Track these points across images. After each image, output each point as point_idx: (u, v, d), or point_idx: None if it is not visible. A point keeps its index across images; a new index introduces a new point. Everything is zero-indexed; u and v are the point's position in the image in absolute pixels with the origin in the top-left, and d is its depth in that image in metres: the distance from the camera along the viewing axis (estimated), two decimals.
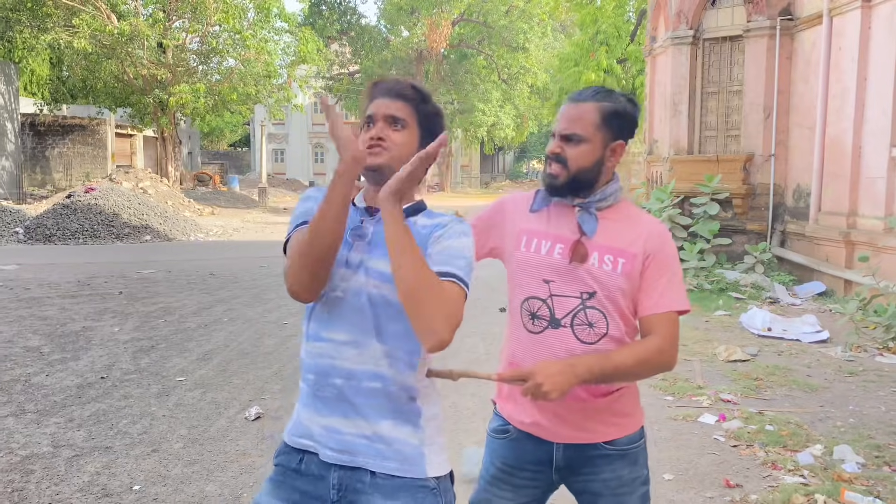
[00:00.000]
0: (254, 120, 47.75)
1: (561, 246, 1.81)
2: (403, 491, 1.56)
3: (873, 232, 8.25)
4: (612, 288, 1.77)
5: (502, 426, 1.92)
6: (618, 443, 1.83)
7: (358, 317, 1.57)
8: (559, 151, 1.79)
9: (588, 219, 1.80)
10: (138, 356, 6.07)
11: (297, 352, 6.17)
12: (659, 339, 1.74)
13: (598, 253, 1.78)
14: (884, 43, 8.26)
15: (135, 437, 4.25)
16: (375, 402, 1.57)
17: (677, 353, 1.79)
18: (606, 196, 1.82)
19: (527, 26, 36.69)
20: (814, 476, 3.69)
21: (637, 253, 1.79)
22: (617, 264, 1.78)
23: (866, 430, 4.39)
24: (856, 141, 8.73)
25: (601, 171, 1.81)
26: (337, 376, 1.57)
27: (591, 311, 1.78)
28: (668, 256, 1.80)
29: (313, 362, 1.61)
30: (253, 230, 20.41)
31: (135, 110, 26.62)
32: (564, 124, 1.80)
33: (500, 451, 1.91)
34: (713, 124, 11.09)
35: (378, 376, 1.57)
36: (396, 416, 1.58)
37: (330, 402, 1.59)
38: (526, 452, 1.87)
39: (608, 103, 1.78)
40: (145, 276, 10.72)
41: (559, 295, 1.80)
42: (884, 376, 5.62)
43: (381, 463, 1.57)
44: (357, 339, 1.57)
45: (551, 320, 1.80)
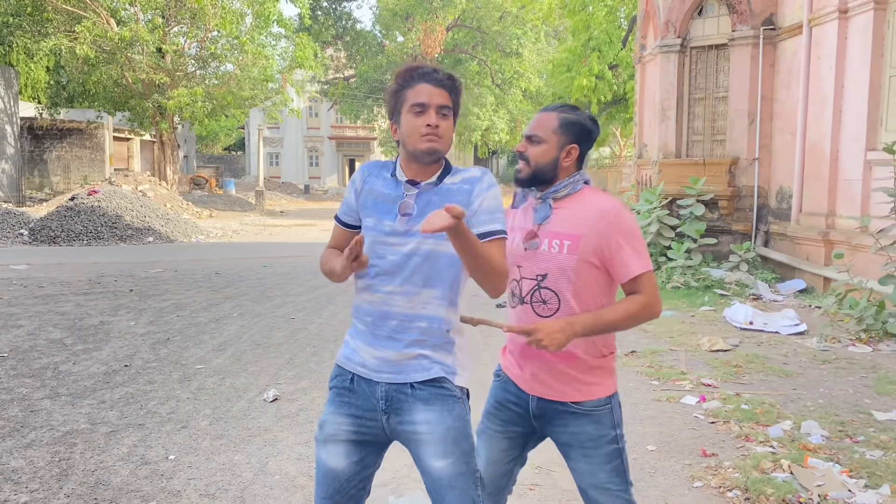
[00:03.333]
0: (249, 124, 48.12)
1: (524, 236, 2.22)
2: (438, 400, 1.98)
3: (849, 231, 8.70)
4: (560, 267, 2.14)
5: (498, 371, 2.37)
6: (583, 404, 2.19)
7: (409, 272, 1.98)
8: (523, 150, 2.22)
9: (542, 209, 2.20)
10: (157, 347, 6.44)
11: (307, 343, 6.61)
12: (642, 296, 2.12)
13: (547, 239, 2.17)
14: (859, 52, 8.72)
15: (164, 416, 4.63)
16: (421, 337, 1.99)
17: (661, 303, 2.16)
18: (560, 188, 2.18)
19: (520, 32, 37.15)
20: (782, 447, 4.09)
21: (584, 233, 2.11)
22: (563, 246, 2.13)
23: (833, 409, 4.80)
24: (834, 145, 9.17)
25: (558, 168, 2.20)
26: (392, 319, 1.99)
27: (545, 291, 2.17)
28: (623, 227, 2.11)
29: (371, 308, 2.02)
30: (252, 232, 20.76)
31: (133, 114, 26.98)
32: (530, 127, 2.23)
33: (494, 391, 2.35)
34: (700, 129, 11.53)
35: (424, 317, 1.99)
36: (436, 346, 2.01)
37: (383, 339, 2.00)
38: (510, 394, 2.28)
39: (567, 115, 2.20)
40: (153, 274, 11.08)
41: (525, 277, 2.21)
42: (854, 364, 6.04)
43: (421, 375, 1.99)
44: (408, 290, 1.98)
45: (520, 298, 2.23)
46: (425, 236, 1.95)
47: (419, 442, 1.98)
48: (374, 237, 2.00)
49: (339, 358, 2.11)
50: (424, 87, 1.95)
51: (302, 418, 4.60)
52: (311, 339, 6.81)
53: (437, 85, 1.97)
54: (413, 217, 1.98)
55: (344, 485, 2.01)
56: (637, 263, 2.12)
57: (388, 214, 2.00)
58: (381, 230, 2.00)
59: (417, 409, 1.97)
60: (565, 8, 27.62)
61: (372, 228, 2.01)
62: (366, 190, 2.06)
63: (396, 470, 3.71)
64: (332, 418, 2.04)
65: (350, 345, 2.09)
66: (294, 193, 44.31)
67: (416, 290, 1.98)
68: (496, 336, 6.85)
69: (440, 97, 1.96)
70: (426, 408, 1.97)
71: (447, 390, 2.00)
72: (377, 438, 2.04)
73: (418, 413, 1.97)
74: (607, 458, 2.18)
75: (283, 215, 29.07)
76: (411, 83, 1.97)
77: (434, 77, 1.97)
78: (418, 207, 1.98)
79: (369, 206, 2.04)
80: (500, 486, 2.32)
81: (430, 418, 1.96)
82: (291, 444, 4.16)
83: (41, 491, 3.50)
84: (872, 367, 5.91)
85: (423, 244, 1.97)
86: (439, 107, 1.96)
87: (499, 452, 2.29)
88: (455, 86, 2.01)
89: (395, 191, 2.01)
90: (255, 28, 26.28)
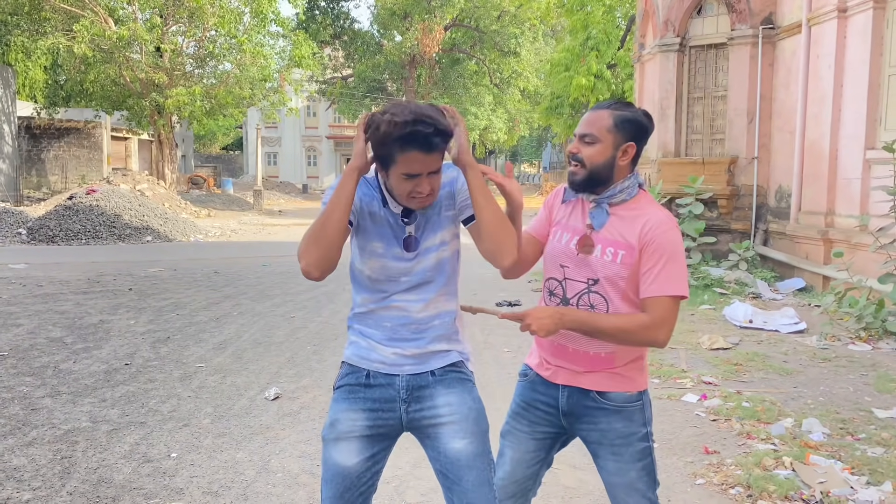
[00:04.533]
0: (247, 123, 48.11)
1: (576, 238, 2.18)
2: (458, 383, 2.07)
3: (849, 230, 8.71)
4: (612, 277, 2.11)
5: (524, 371, 2.35)
6: (613, 398, 2.17)
7: (423, 284, 2.05)
8: (576, 151, 2.15)
9: (598, 213, 2.15)
10: (157, 346, 6.44)
11: (308, 341, 6.61)
12: (647, 316, 2.07)
13: (601, 245, 2.12)
14: (858, 51, 8.73)
15: (165, 414, 4.62)
16: (436, 333, 2.07)
17: (667, 333, 2.06)
18: (616, 193, 2.12)
19: (518, 31, 37.17)
20: (784, 444, 4.10)
21: (634, 244, 2.07)
22: (617, 255, 2.09)
23: (834, 407, 4.81)
24: (833, 144, 9.19)
25: (614, 168, 2.13)
26: (412, 324, 2.05)
27: (594, 296, 2.14)
28: (666, 243, 2.05)
29: (388, 315, 2.06)
30: (251, 231, 20.74)
31: (131, 114, 26.93)
32: (582, 126, 2.15)
33: (520, 390, 2.33)
34: (699, 128, 11.55)
35: (437, 316, 2.07)
36: (449, 339, 2.09)
37: (401, 341, 2.06)
38: (538, 393, 2.26)
39: (621, 111, 2.13)
40: (152, 273, 11.07)
41: (571, 279, 2.18)
42: (854, 362, 6.05)
43: (441, 362, 2.07)
44: (423, 297, 2.05)
45: (563, 299, 2.20)
46: (430, 250, 2.04)
47: (439, 425, 2.03)
48: (384, 263, 2.05)
49: (349, 357, 2.12)
50: (418, 156, 1.87)
51: (303, 416, 4.60)
52: (311, 338, 6.81)
53: (431, 151, 1.88)
54: (418, 247, 2.05)
55: (355, 482, 2.03)
56: (666, 284, 2.07)
57: (395, 241, 2.04)
58: (392, 257, 2.05)
59: (439, 393, 2.05)
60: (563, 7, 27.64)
61: (382, 255, 2.05)
62: (365, 209, 2.06)
63: (399, 468, 3.72)
64: (346, 415, 2.05)
65: (361, 344, 2.10)
66: (292, 193, 44.28)
67: (429, 296, 2.06)
68: (495, 334, 6.86)
69: (433, 164, 1.92)
70: (447, 391, 2.05)
71: (464, 374, 2.10)
72: (392, 431, 2.08)
73: (439, 397, 2.04)
74: (637, 456, 2.17)
75: (281, 215, 29.05)
76: (403, 147, 1.87)
77: (430, 143, 1.86)
78: (419, 228, 2.06)
79: (371, 229, 2.05)
80: (525, 487, 2.30)
81: (452, 400, 2.04)
82: (293, 441, 4.16)
83: (43, 489, 3.50)
84: (872, 365, 5.92)
85: (428, 259, 2.05)
86: (431, 173, 1.93)
87: (525, 454, 2.27)
88: (448, 138, 1.93)
89: (394, 218, 2.05)
90: (253, 27, 26.24)
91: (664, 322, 2.06)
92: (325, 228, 1.92)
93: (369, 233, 2.04)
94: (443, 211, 2.05)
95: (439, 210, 2.04)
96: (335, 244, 1.92)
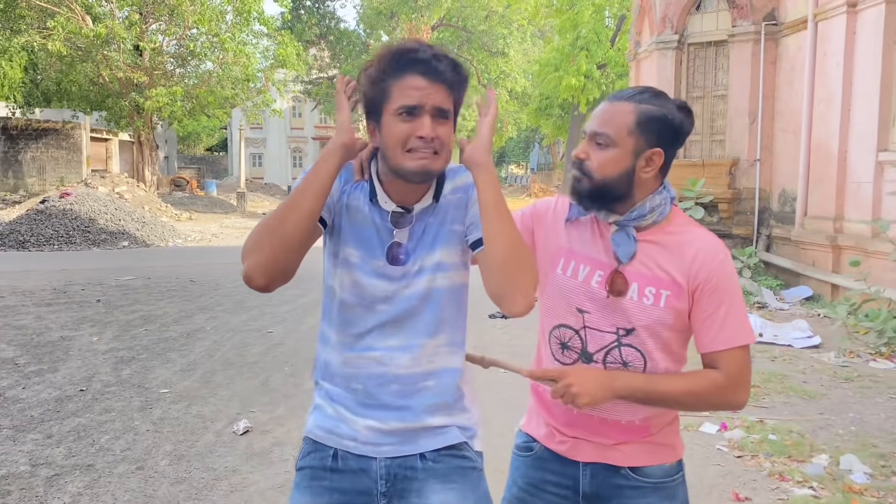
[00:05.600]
0: (231, 124, 47.37)
1: (600, 273, 1.61)
2: (459, 474, 1.51)
3: (860, 236, 8.26)
4: (654, 325, 1.58)
5: (526, 443, 1.78)
6: (651, 473, 1.66)
7: (409, 322, 1.48)
8: (583, 157, 1.58)
9: (623, 241, 1.58)
10: (119, 367, 5.86)
11: (284, 361, 6.03)
12: (719, 374, 1.56)
13: (637, 284, 1.58)
14: (869, 48, 8.28)
15: (117, 453, 4.06)
16: (430, 401, 1.51)
17: (747, 392, 1.58)
18: (645, 213, 1.59)
19: (506, 31, 36.68)
20: (823, 488, 3.60)
21: (682, 281, 1.57)
22: (660, 297, 1.57)
23: (869, 439, 4.32)
24: (842, 146, 8.74)
25: (632, 182, 1.58)
26: (392, 383, 1.49)
27: (627, 350, 1.60)
28: (725, 280, 1.57)
29: (360, 372, 1.51)
30: (232, 235, 20.11)
31: (110, 114, 26.21)
32: (595, 122, 1.58)
33: (523, 470, 1.77)
34: (698, 129, 11.07)
35: (431, 374, 1.51)
36: (449, 409, 1.53)
37: (378, 409, 1.50)
38: (549, 473, 1.72)
39: (649, 105, 1.57)
40: (124, 283, 10.46)
41: (593, 328, 1.62)
42: (879, 382, 5.57)
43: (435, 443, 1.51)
44: (409, 344, 1.49)
45: (583, 353, 1.64)
46: (421, 273, 1.47)
47: None
48: (358, 278, 1.49)
49: (311, 430, 1.59)
50: (417, 80, 1.39)
51: (275, 456, 4.05)
52: (288, 357, 6.25)
53: (436, 79, 1.39)
54: (407, 261, 1.48)
55: None
56: (735, 332, 1.55)
57: (377, 250, 1.48)
58: (370, 271, 1.49)
59: (431, 488, 1.48)
60: (552, 7, 27.25)
61: (357, 267, 1.49)
62: (344, 203, 1.51)
63: None
64: None
65: (326, 411, 1.56)
66: (277, 195, 43.61)
67: (419, 342, 1.49)
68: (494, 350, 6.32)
69: (438, 96, 1.40)
70: (443, 487, 1.49)
71: (468, 460, 1.54)
72: None
73: (433, 494, 1.48)
74: None
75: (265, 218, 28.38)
76: (399, 73, 1.40)
77: (433, 67, 1.39)
78: (413, 238, 1.49)
79: (348, 230, 1.51)
80: None
81: (450, 499, 1.48)
82: (262, 489, 3.61)
83: None
84: None
85: (417, 283, 1.48)
86: (436, 110, 1.40)
87: None
88: (460, 79, 1.44)
89: (381, 218, 1.49)
90: (235, 26, 25.57)
91: (742, 378, 1.56)
92: (283, 222, 1.37)
93: (345, 235, 1.49)
94: (448, 222, 1.50)
95: (443, 219, 1.49)
96: (293, 244, 1.38)
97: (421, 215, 1.50)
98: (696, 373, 1.58)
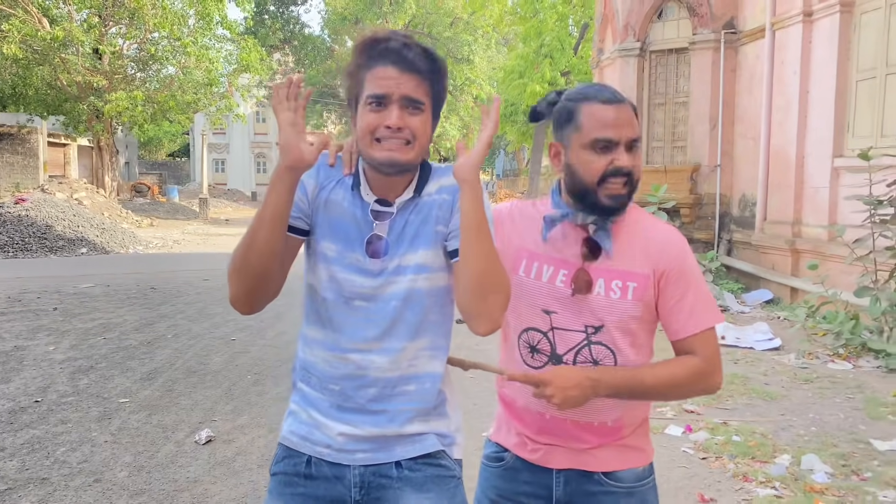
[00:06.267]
0: (194, 129, 46.71)
1: (564, 272, 1.61)
2: (435, 483, 1.47)
3: (818, 240, 8.44)
4: (623, 319, 1.59)
5: (496, 453, 1.76)
6: (623, 478, 1.66)
7: (388, 323, 1.45)
8: (630, 166, 1.54)
9: (604, 238, 1.59)
10: (76, 377, 5.70)
11: (248, 370, 5.94)
12: (698, 360, 1.57)
13: (604, 280, 1.59)
14: (825, 56, 8.48)
15: (74, 466, 3.94)
16: (409, 404, 1.48)
17: (721, 374, 1.62)
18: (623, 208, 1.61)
19: (471, 38, 36.87)
20: (785, 487, 3.65)
21: (648, 273, 1.59)
22: (627, 290, 1.58)
23: (829, 439, 4.40)
24: (799, 151, 8.93)
25: None
26: (369, 387, 1.46)
27: (597, 347, 1.60)
28: (688, 267, 1.60)
29: (336, 372, 1.47)
30: (194, 242, 19.81)
31: (69, 118, 25.64)
32: (626, 129, 1.54)
33: (493, 481, 1.75)
34: (660, 135, 11.24)
35: (412, 378, 1.48)
36: (427, 415, 1.50)
37: (354, 412, 1.47)
38: (522, 483, 1.70)
39: (630, 103, 1.60)
40: (82, 290, 10.21)
41: (561, 328, 1.62)
42: (837, 383, 5.68)
43: (411, 450, 1.48)
44: (388, 346, 1.46)
45: (552, 355, 1.63)
46: (403, 271, 1.44)
47: None
48: (335, 272, 1.46)
49: (285, 436, 1.55)
50: (388, 70, 1.38)
51: (239, 465, 3.97)
52: (252, 365, 6.15)
53: (407, 68, 1.38)
54: (386, 253, 1.44)
55: None
56: (704, 315, 1.58)
57: (356, 243, 1.45)
58: (348, 265, 1.45)
59: (406, 497, 1.45)
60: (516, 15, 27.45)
61: (334, 261, 1.46)
62: (323, 199, 1.49)
63: None
64: None
65: (301, 417, 1.52)
66: (241, 201, 43.16)
67: (398, 345, 1.46)
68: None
69: (408, 85, 1.38)
70: (419, 496, 1.46)
71: (445, 469, 1.51)
72: None
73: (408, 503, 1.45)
74: None
75: (228, 224, 28.04)
76: (371, 63, 1.40)
77: (402, 56, 1.38)
78: (391, 236, 1.46)
79: (326, 226, 1.48)
80: None
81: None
82: (225, 499, 3.54)
83: None
84: (857, 387, 5.55)
85: (398, 282, 1.45)
86: (405, 99, 1.38)
87: None
88: (435, 68, 1.43)
89: (362, 211, 1.47)
90: (198, 30, 25.24)
91: (716, 360, 1.60)
92: (246, 258, 1.36)
93: (322, 229, 1.47)
94: (432, 222, 1.47)
95: (427, 217, 1.47)
96: (264, 274, 1.37)
97: (402, 210, 1.47)
98: (676, 361, 1.59)
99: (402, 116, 1.38)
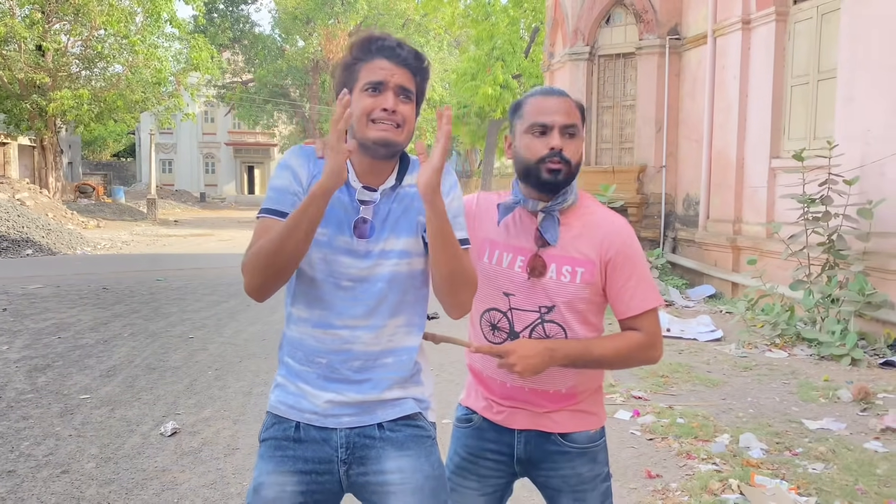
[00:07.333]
0: (140, 129, 45.75)
1: (522, 259, 1.81)
2: (414, 442, 1.65)
3: (757, 237, 8.87)
4: (572, 300, 1.78)
5: (466, 415, 1.96)
6: (577, 439, 1.86)
7: (373, 302, 1.61)
8: (562, 147, 1.73)
9: (550, 225, 1.78)
10: (33, 375, 5.69)
11: (208, 366, 6.00)
12: (641, 335, 1.78)
13: (556, 265, 1.79)
14: (762, 62, 8.93)
15: (40, 458, 3.98)
16: (388, 374, 1.65)
17: (661, 348, 1.83)
18: (568, 198, 1.79)
19: (423, 40, 37.02)
20: (725, 463, 3.93)
21: (595, 258, 1.78)
22: (576, 274, 1.78)
23: (765, 420, 4.71)
24: (739, 153, 9.37)
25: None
26: (354, 359, 1.62)
27: (550, 325, 1.80)
28: (632, 253, 1.79)
29: (323, 347, 1.63)
30: (144, 243, 19.51)
31: (9, 117, 24.92)
32: (562, 115, 1.75)
33: (463, 440, 1.94)
34: (608, 137, 11.60)
35: (391, 352, 1.65)
36: (405, 382, 1.67)
37: (339, 382, 1.63)
38: (487, 441, 1.90)
39: (576, 100, 1.82)
40: (31, 291, 10.04)
41: (518, 308, 1.81)
42: (774, 370, 6.04)
43: (392, 413, 1.65)
44: (373, 323, 1.62)
45: (510, 332, 1.83)
46: (388, 254, 1.61)
47: (388, 494, 1.61)
48: (326, 255, 1.61)
49: (273, 405, 1.70)
50: (383, 63, 1.58)
51: (205, 454, 4.06)
52: (212, 361, 6.22)
53: (400, 63, 1.59)
54: (372, 234, 1.62)
55: None
56: (646, 297, 1.79)
57: (345, 226, 1.62)
58: (337, 247, 1.61)
59: (388, 455, 1.63)
60: (468, 17, 27.70)
61: (324, 245, 1.61)
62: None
63: None
64: (272, 478, 1.62)
65: (289, 388, 1.68)
66: (189, 202, 42.45)
67: (381, 322, 1.63)
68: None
69: (401, 77, 1.59)
70: (399, 453, 1.63)
71: (423, 430, 1.68)
72: (330, 498, 1.67)
73: (389, 461, 1.62)
74: (600, 498, 1.89)
75: (177, 225, 27.63)
76: (368, 57, 1.60)
77: (396, 53, 1.59)
78: (376, 220, 1.63)
79: None
80: None
81: (405, 465, 1.62)
82: (195, 486, 3.64)
83: None
84: (792, 373, 5.92)
85: (383, 265, 1.62)
86: (399, 88, 1.58)
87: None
88: (422, 67, 1.63)
89: (349, 196, 1.63)
90: (146, 27, 24.82)
91: (656, 336, 1.81)
92: (276, 256, 1.50)
93: None
94: (414, 212, 1.64)
95: (408, 207, 1.64)
96: (287, 271, 1.55)
97: (385, 198, 1.63)
98: (622, 335, 1.80)
99: (397, 102, 1.57)
